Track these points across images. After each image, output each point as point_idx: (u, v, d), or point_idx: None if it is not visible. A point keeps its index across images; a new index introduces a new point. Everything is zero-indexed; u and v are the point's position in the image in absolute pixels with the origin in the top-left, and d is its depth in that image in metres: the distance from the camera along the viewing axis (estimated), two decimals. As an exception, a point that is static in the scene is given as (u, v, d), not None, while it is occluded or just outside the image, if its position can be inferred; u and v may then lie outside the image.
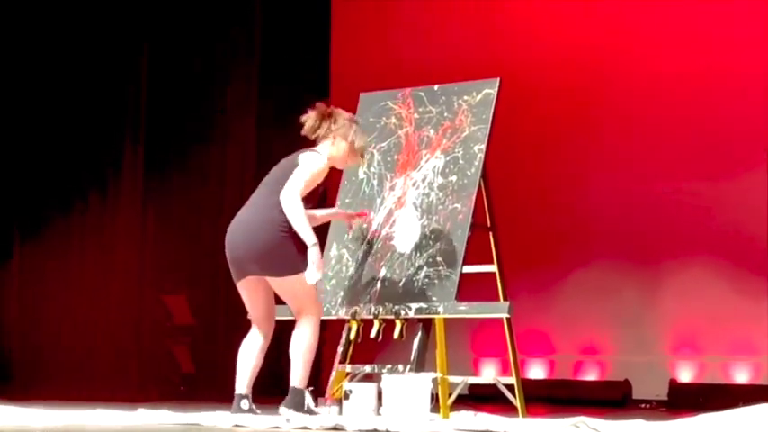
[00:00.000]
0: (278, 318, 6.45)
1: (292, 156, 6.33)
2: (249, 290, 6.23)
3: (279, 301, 6.31)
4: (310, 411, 6.07)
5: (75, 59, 11.54)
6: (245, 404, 6.22)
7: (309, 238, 6.03)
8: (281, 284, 6.11)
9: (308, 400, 6.12)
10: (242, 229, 6.17)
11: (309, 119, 6.37)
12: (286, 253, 6.05)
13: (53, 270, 11.54)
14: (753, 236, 10.02)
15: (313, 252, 6.03)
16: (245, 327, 6.39)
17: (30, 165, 11.53)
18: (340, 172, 7.13)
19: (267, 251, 6.06)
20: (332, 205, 7.07)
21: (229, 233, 6.24)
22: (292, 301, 6.15)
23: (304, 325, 6.12)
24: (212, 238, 11.61)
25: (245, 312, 6.70)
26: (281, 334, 6.39)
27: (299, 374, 6.12)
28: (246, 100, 11.74)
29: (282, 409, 6.08)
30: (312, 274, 6.04)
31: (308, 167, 6.16)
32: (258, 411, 6.23)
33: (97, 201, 11.67)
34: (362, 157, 6.43)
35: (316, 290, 6.19)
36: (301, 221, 6.04)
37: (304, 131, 6.40)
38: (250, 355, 6.28)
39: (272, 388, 9.84)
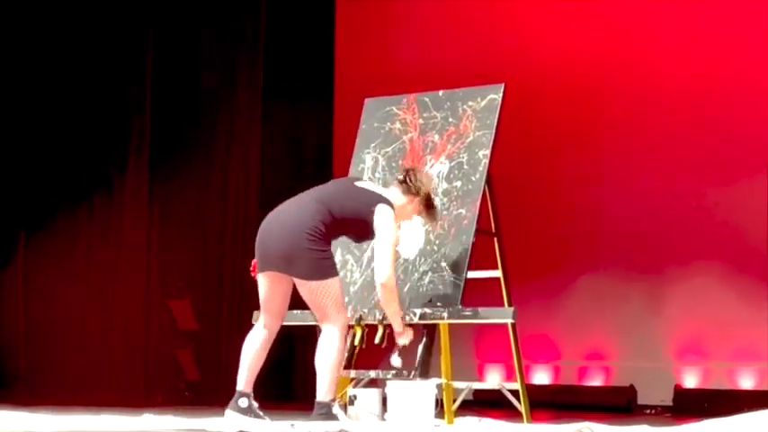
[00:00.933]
0: (289, 323, 6.44)
1: (367, 196, 6.22)
2: (271, 282, 6.16)
3: (297, 305, 6.29)
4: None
5: (80, 61, 11.56)
6: (243, 402, 6.15)
7: (398, 325, 6.21)
8: (307, 288, 6.06)
9: (336, 410, 6.06)
10: (277, 226, 6.12)
11: (424, 184, 6.33)
12: (314, 258, 6.02)
13: (58, 275, 11.55)
14: (758, 242, 10.01)
15: (401, 334, 6.23)
16: (248, 331, 6.36)
17: (34, 168, 11.55)
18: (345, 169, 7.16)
19: (297, 254, 6.02)
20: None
21: (264, 227, 6.19)
22: (316, 307, 6.09)
23: (329, 336, 6.07)
24: (216, 242, 11.67)
25: (250, 317, 6.71)
26: (292, 342, 6.40)
27: (324, 387, 6.04)
28: (251, 103, 11.75)
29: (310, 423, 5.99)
30: (404, 337, 6.24)
31: (389, 234, 6.13)
32: (259, 411, 6.18)
33: (102, 205, 11.68)
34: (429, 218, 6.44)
35: (343, 299, 6.18)
36: (395, 308, 6.18)
37: (419, 192, 6.31)
38: (253, 352, 6.22)
39: (280, 395, 9.90)
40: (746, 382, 10.05)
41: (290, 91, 11.74)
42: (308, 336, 8.05)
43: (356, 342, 6.58)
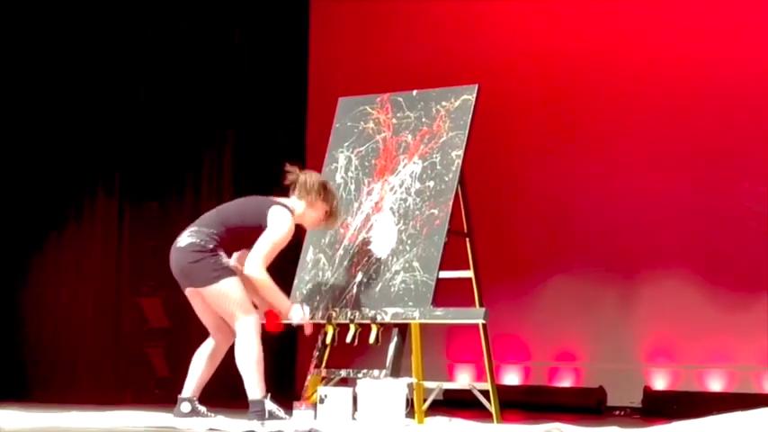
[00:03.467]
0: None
1: (260, 202, 6.43)
2: (193, 301, 6.42)
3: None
4: (275, 417, 6.10)
5: (57, 69, 11.50)
6: (185, 407, 6.39)
7: (283, 305, 6.34)
8: (210, 295, 6.25)
9: (270, 406, 6.16)
10: (174, 248, 6.39)
11: (291, 175, 6.54)
12: (203, 266, 6.22)
13: (29, 273, 11.48)
14: (728, 246, 10.06)
15: (292, 308, 6.35)
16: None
17: (6, 172, 11.45)
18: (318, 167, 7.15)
19: (188, 267, 6.27)
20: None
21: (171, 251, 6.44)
22: (224, 312, 6.26)
23: (242, 335, 6.21)
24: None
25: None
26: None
27: (252, 386, 6.19)
28: (224, 104, 11.72)
29: (247, 423, 6.13)
30: (297, 313, 6.35)
31: (275, 232, 6.30)
32: (208, 414, 6.37)
33: (73, 203, 11.61)
34: (334, 217, 6.57)
35: (245, 298, 6.23)
36: (273, 292, 6.31)
37: (287, 182, 6.53)
38: (199, 361, 6.46)
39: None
40: (716, 385, 10.09)
41: (264, 92, 11.72)
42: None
43: (327, 341, 6.59)
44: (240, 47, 11.76)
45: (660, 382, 10.27)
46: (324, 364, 6.62)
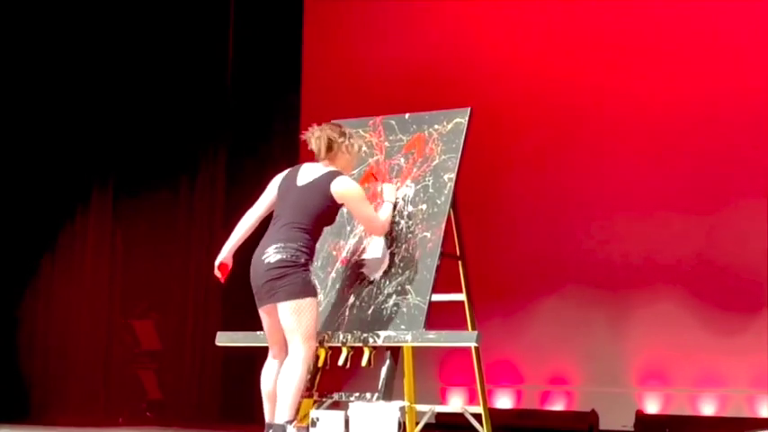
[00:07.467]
0: (245, 344, 6.44)
1: (313, 189, 6.36)
2: (268, 318, 6.30)
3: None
4: None
5: (51, 86, 11.51)
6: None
7: (388, 208, 6.58)
8: (282, 310, 6.16)
9: (290, 431, 6.10)
10: (261, 263, 6.24)
11: (321, 143, 6.51)
12: (291, 280, 6.15)
13: (20, 293, 11.46)
14: (720, 268, 10.07)
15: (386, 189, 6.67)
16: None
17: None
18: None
19: (276, 281, 6.17)
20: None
21: (252, 264, 6.30)
22: (288, 327, 6.16)
23: (296, 358, 6.15)
24: (181, 262, 11.62)
25: (213, 337, 6.72)
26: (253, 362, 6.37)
27: (283, 409, 6.12)
28: (217, 124, 11.74)
29: None
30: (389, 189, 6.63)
31: (356, 200, 6.38)
32: None
33: (66, 224, 11.61)
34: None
35: (315, 324, 6.21)
36: (389, 214, 6.55)
37: (321, 158, 6.49)
38: (272, 384, 6.31)
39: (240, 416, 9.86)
40: (708, 408, 10.08)
41: (256, 113, 11.73)
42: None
43: (319, 364, 6.58)
44: (236, 51, 11.80)
45: (653, 406, 10.26)
46: (316, 387, 6.60)
